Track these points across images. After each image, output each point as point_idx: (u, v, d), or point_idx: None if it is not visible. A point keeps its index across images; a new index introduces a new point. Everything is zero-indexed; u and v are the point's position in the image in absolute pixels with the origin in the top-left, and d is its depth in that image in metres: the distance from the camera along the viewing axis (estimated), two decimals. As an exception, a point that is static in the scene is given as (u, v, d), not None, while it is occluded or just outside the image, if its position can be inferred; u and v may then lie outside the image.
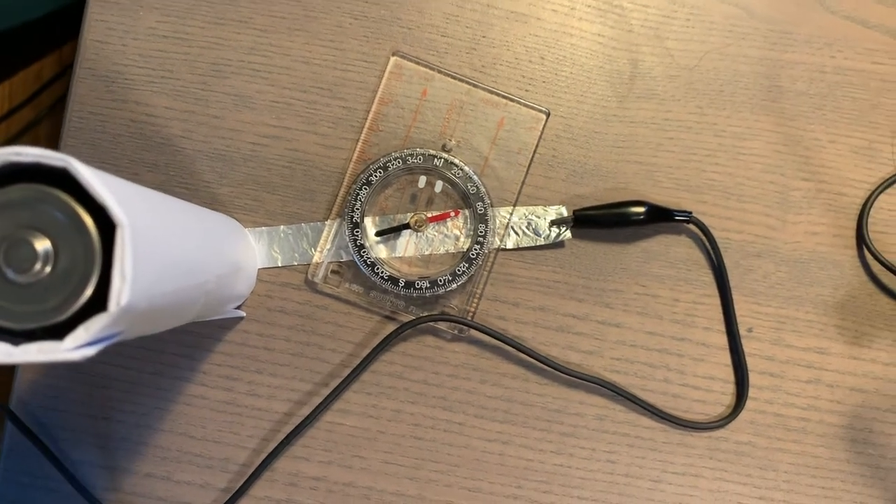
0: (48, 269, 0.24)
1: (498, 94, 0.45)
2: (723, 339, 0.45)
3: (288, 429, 0.44)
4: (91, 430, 0.44)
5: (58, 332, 0.24)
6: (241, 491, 0.43)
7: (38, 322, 0.24)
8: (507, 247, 0.45)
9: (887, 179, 0.45)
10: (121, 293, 0.23)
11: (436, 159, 0.44)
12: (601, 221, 0.44)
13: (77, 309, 0.24)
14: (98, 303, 0.24)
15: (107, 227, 0.24)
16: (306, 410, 0.44)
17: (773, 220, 0.46)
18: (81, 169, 0.23)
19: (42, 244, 0.24)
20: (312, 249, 0.44)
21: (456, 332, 0.44)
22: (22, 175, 0.24)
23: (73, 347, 0.24)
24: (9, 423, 0.43)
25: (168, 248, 0.27)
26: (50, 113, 1.12)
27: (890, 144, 0.46)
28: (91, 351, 0.24)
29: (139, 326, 0.27)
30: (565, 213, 0.45)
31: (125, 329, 0.26)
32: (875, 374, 0.45)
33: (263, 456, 0.43)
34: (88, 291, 0.24)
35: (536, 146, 0.45)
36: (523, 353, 0.44)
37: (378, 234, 0.44)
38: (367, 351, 0.44)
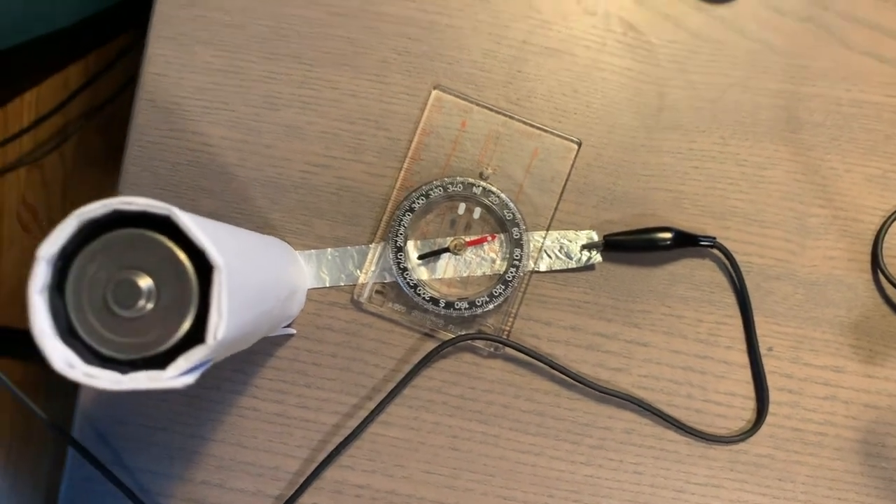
0: (150, 305, 0.27)
1: (532, 126, 0.48)
2: (744, 358, 0.48)
3: (335, 439, 0.47)
4: (150, 440, 0.47)
5: (158, 361, 0.27)
6: (293, 498, 0.45)
7: (141, 353, 0.27)
8: (541, 269, 0.48)
9: (901, 207, 0.48)
10: (218, 328, 0.26)
11: (474, 187, 0.47)
12: (630, 246, 0.47)
13: (176, 341, 0.27)
14: (194, 333, 0.27)
15: (200, 265, 0.27)
16: (352, 422, 0.47)
17: (792, 244, 0.48)
18: (183, 217, 0.26)
19: (145, 283, 0.27)
20: (358, 271, 0.47)
21: (492, 349, 0.47)
22: (128, 219, 0.27)
23: (175, 375, 0.27)
24: (76, 420, 0.47)
25: (249, 282, 0.30)
26: (81, 124, 1.15)
27: (904, 174, 0.49)
28: (191, 378, 0.27)
29: (223, 353, 0.30)
30: (596, 238, 0.48)
31: (216, 356, 0.29)
32: (889, 391, 0.48)
33: (312, 465, 0.46)
34: (186, 325, 0.27)
35: (569, 174, 0.48)
36: (555, 369, 0.47)
37: (420, 257, 0.47)
38: (409, 366, 0.47)
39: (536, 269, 0.48)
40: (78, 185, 1.17)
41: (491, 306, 0.46)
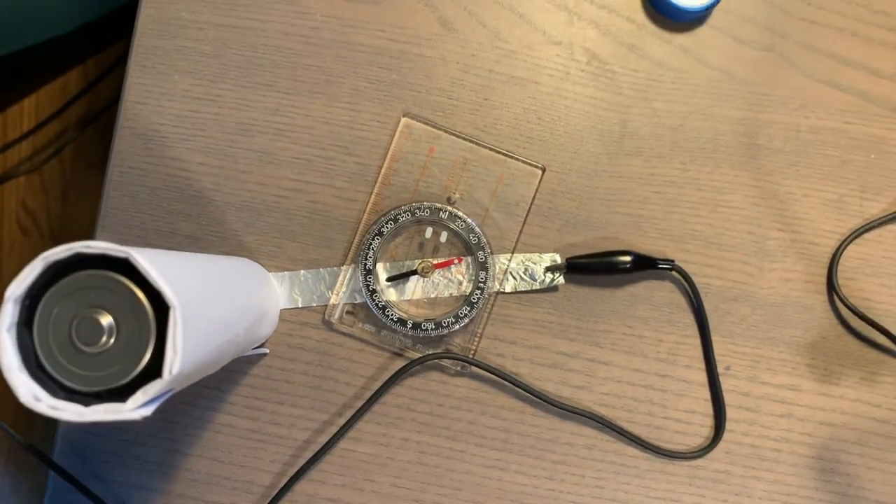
0: (112, 341, 0.29)
1: (498, 152, 0.50)
2: (702, 377, 0.49)
3: (307, 454, 0.48)
4: (129, 454, 0.49)
5: (119, 393, 0.29)
6: (265, 511, 0.47)
7: (103, 385, 0.29)
8: (506, 290, 0.49)
9: (855, 231, 0.50)
10: (173, 364, 0.28)
11: (441, 212, 0.48)
12: (592, 268, 0.49)
13: (136, 374, 0.29)
14: (154, 365, 0.29)
15: (159, 302, 0.29)
16: (323, 438, 0.49)
17: (750, 267, 0.50)
18: (140, 260, 0.28)
19: (106, 320, 0.29)
20: (329, 292, 0.49)
21: (459, 368, 0.49)
22: (88, 261, 0.29)
23: (134, 408, 0.28)
24: (59, 434, 0.48)
25: (209, 316, 0.32)
26: (80, 129, 1.16)
27: (858, 198, 0.50)
28: (148, 411, 0.29)
29: (183, 383, 0.32)
30: (559, 261, 0.49)
31: (175, 387, 0.31)
32: (842, 409, 0.49)
33: (285, 479, 0.48)
34: (146, 359, 0.29)
35: (533, 199, 0.50)
36: (519, 387, 0.48)
37: (389, 279, 0.49)
38: (379, 384, 0.48)
39: (502, 290, 0.49)
40: (77, 190, 1.19)
41: (457, 327, 0.48)
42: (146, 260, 0.28)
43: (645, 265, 0.48)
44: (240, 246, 0.49)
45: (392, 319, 0.48)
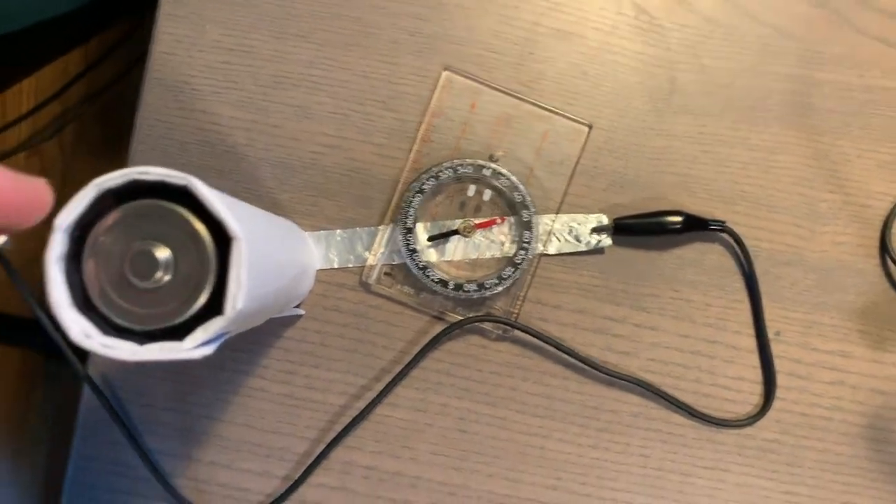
0: (168, 276, 0.27)
1: (543, 108, 0.48)
2: (752, 343, 0.48)
3: (342, 420, 0.46)
4: (158, 421, 0.47)
5: (175, 333, 0.27)
6: (301, 479, 0.45)
7: (158, 324, 0.27)
8: (550, 252, 0.47)
9: (911, 193, 0.48)
10: (236, 298, 0.26)
11: (484, 169, 0.46)
12: (639, 230, 0.47)
13: (194, 312, 0.27)
14: (211, 306, 0.27)
15: (217, 237, 0.27)
16: (360, 403, 0.47)
17: (801, 230, 0.48)
18: (202, 188, 0.26)
19: (163, 254, 0.27)
20: (367, 252, 0.47)
21: (500, 332, 0.47)
22: (144, 191, 0.27)
23: (193, 347, 0.26)
24: (83, 402, 0.46)
25: (265, 256, 0.30)
26: (81, 110, 1.14)
27: (914, 160, 0.49)
28: (209, 350, 0.27)
29: (239, 327, 0.30)
30: (605, 222, 0.47)
31: (232, 329, 0.29)
32: (896, 377, 0.48)
33: (319, 445, 0.46)
34: (204, 297, 0.27)
35: (579, 157, 0.48)
36: (564, 352, 0.47)
37: (430, 239, 0.47)
38: (417, 348, 0.46)
39: (545, 252, 0.47)
40: (77, 172, 1.16)
41: (500, 289, 0.46)
42: (208, 190, 0.26)
43: (695, 226, 0.47)
44: (274, 204, 0.47)
45: (433, 280, 0.46)
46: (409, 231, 0.46)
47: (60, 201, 0.26)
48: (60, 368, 1.12)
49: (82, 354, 0.45)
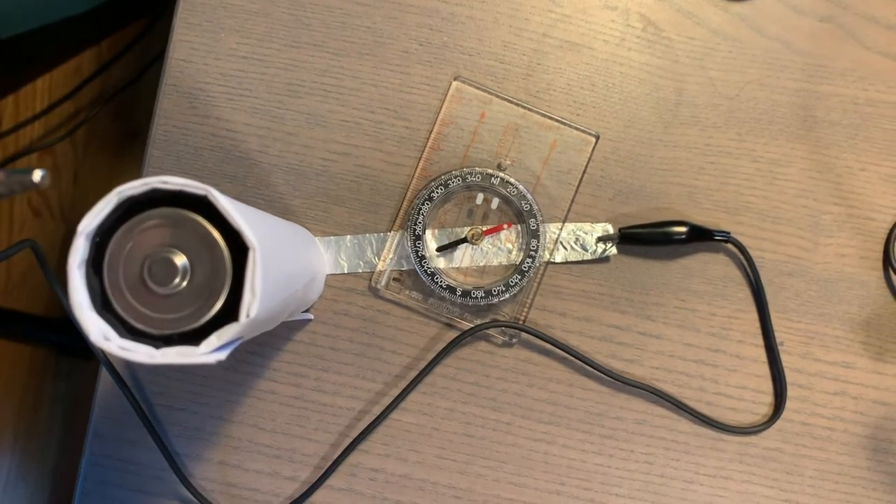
0: (185, 283, 0.28)
1: (551, 118, 0.48)
2: (755, 352, 0.48)
3: (351, 423, 0.47)
4: (169, 420, 0.48)
5: (191, 338, 0.28)
6: (318, 483, 0.46)
7: (175, 329, 0.28)
8: (557, 260, 0.48)
9: (914, 206, 0.49)
10: (251, 306, 0.27)
11: (493, 178, 0.47)
12: (645, 239, 0.48)
13: (209, 318, 0.28)
14: (226, 312, 0.28)
15: (233, 246, 0.28)
16: (369, 407, 0.47)
17: (805, 241, 0.49)
18: (220, 198, 0.27)
19: (181, 260, 0.28)
20: (376, 258, 0.48)
21: (507, 339, 0.48)
22: (164, 199, 0.28)
23: (207, 352, 0.27)
24: (96, 400, 0.47)
25: (279, 265, 0.31)
26: (93, 110, 1.15)
27: (917, 173, 0.49)
28: (222, 355, 0.27)
29: (252, 332, 0.31)
30: (611, 231, 0.48)
31: (246, 335, 0.29)
32: (897, 388, 0.48)
33: (328, 447, 0.47)
34: (220, 303, 0.28)
35: (586, 167, 0.49)
36: (575, 357, 0.47)
37: (439, 249, 0.48)
38: (426, 353, 0.47)
39: (552, 260, 0.48)
40: (89, 172, 1.18)
41: (507, 296, 0.47)
42: (226, 200, 0.27)
43: (700, 236, 0.47)
44: (286, 209, 0.48)
45: (441, 286, 0.47)
46: (419, 238, 0.47)
47: (73, 200, 0.27)
48: (71, 366, 1.13)
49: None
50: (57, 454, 1.12)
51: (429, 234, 0.48)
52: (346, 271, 0.48)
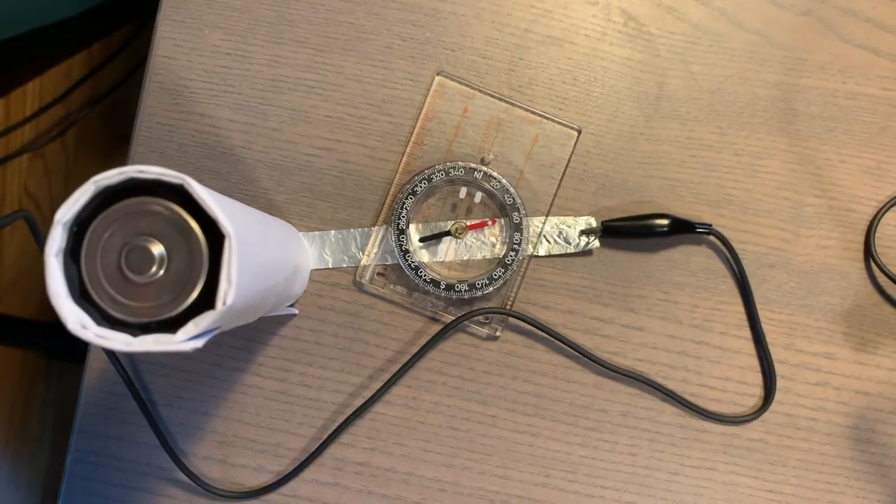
0: (162, 271, 0.28)
1: (533, 113, 0.49)
2: (738, 343, 0.49)
3: (336, 417, 0.47)
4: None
5: (168, 326, 0.28)
6: (294, 473, 0.46)
7: (152, 317, 0.28)
8: (540, 254, 0.48)
9: (893, 198, 0.49)
10: (227, 294, 0.27)
11: (476, 172, 0.48)
12: (627, 232, 0.48)
13: (186, 306, 0.28)
14: (203, 301, 0.28)
15: (210, 235, 0.28)
16: (354, 401, 0.48)
17: (786, 233, 0.49)
18: (196, 187, 0.27)
19: (158, 249, 0.28)
20: (360, 253, 0.48)
21: (491, 332, 0.48)
22: (141, 188, 0.28)
23: (184, 339, 0.27)
24: (82, 396, 0.47)
25: (257, 255, 0.31)
26: (84, 113, 1.15)
27: (897, 165, 0.49)
28: (199, 343, 0.28)
29: (230, 322, 0.31)
30: (594, 224, 0.48)
31: (223, 324, 0.30)
32: (879, 378, 0.49)
33: (313, 442, 0.47)
34: (196, 291, 0.28)
35: (568, 161, 0.49)
36: (563, 342, 0.48)
37: (422, 240, 0.48)
38: (411, 347, 0.47)
39: (535, 253, 0.48)
40: (80, 174, 1.18)
41: (490, 289, 0.47)
42: (202, 188, 0.27)
43: (682, 229, 0.48)
44: (270, 205, 0.48)
45: (425, 280, 0.47)
46: (402, 232, 0.47)
47: (64, 202, 0.27)
48: (62, 370, 1.13)
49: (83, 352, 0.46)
50: (48, 458, 1.12)
51: (413, 229, 0.48)
52: (330, 266, 0.48)
